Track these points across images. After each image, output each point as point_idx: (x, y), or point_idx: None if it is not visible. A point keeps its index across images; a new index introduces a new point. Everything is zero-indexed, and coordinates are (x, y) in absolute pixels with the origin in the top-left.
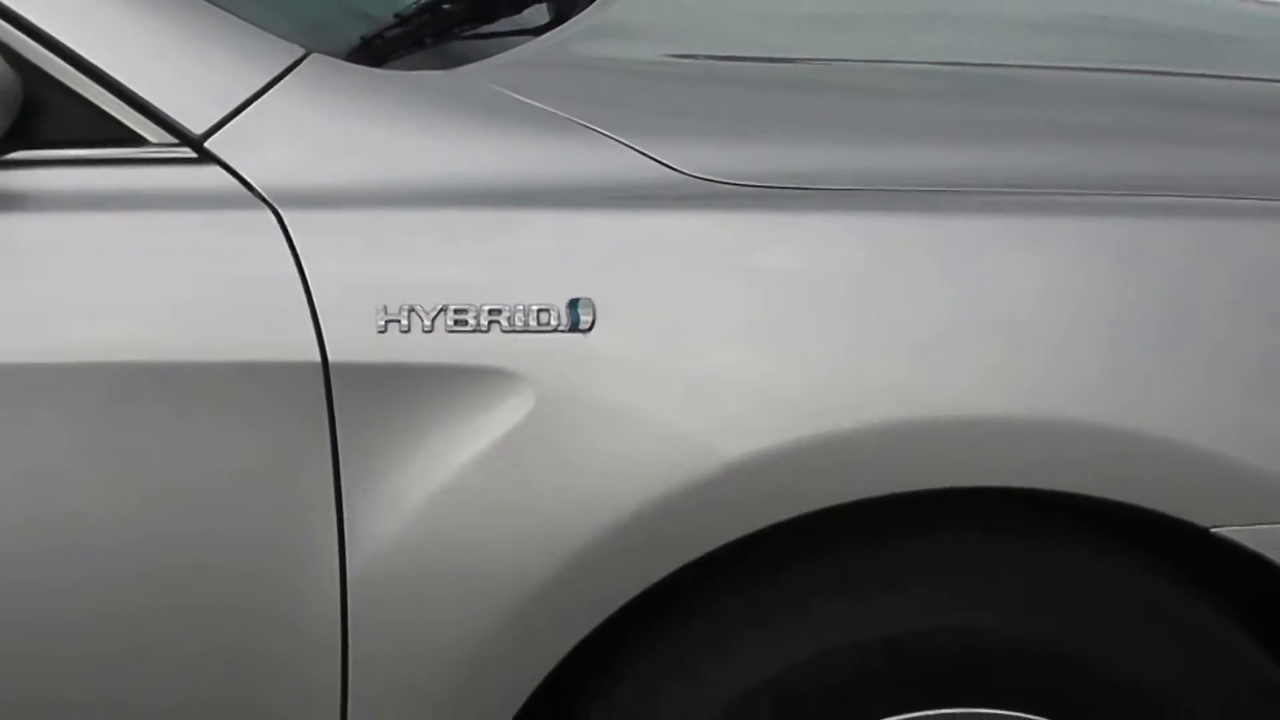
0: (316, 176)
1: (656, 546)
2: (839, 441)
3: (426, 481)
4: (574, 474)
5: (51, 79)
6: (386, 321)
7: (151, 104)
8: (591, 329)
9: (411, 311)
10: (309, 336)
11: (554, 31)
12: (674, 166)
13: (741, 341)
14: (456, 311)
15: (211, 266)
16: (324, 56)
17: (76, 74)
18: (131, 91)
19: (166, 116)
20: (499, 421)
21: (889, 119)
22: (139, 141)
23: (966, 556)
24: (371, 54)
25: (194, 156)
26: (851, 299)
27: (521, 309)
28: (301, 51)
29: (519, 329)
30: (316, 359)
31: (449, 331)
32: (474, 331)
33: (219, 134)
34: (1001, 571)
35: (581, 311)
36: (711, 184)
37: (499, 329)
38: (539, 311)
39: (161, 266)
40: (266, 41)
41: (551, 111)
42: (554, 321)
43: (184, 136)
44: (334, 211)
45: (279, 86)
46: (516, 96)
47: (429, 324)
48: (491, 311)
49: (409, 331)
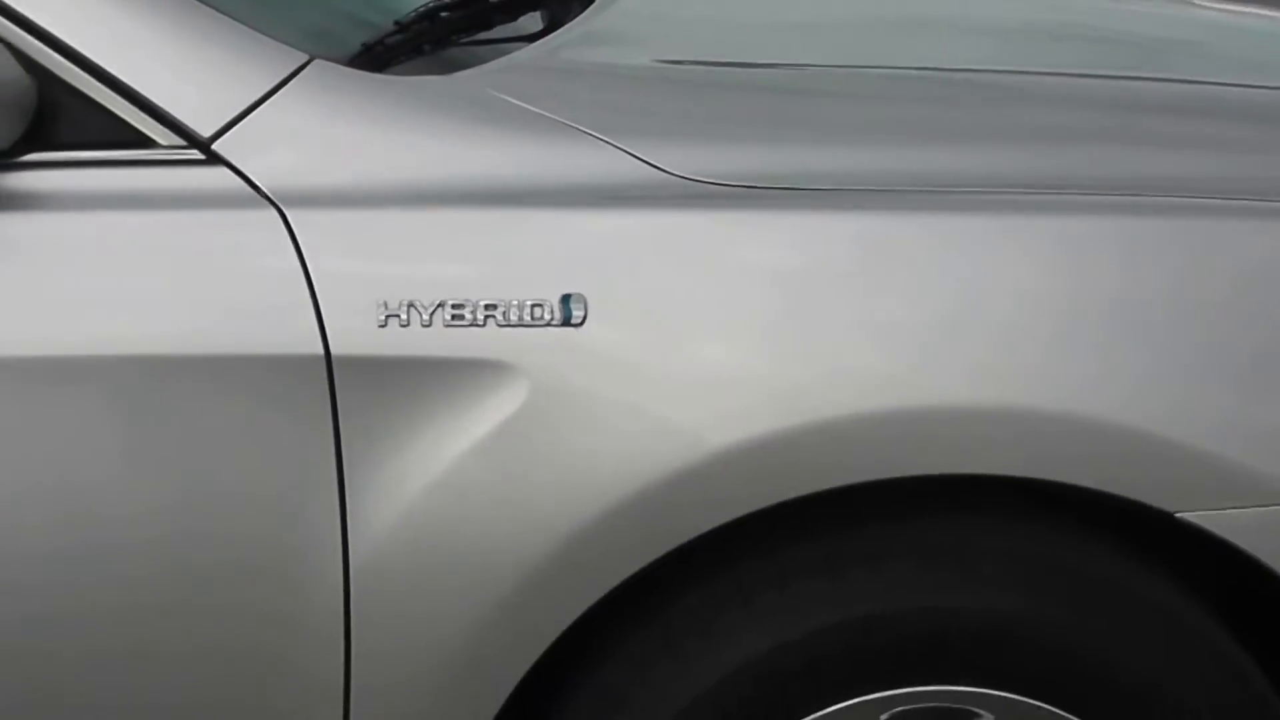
0: (320, 177)
1: (647, 532)
2: (816, 431)
3: (425, 472)
4: (567, 461)
5: (66, 85)
6: (387, 317)
7: (162, 108)
8: (583, 323)
9: (411, 307)
10: (313, 331)
11: (548, 38)
12: (662, 168)
13: (727, 335)
14: (454, 307)
15: (219, 264)
16: (327, 62)
17: (90, 80)
18: (143, 96)
19: (176, 120)
20: (495, 412)
21: (871, 122)
22: (149, 144)
23: (948, 541)
24: (372, 60)
25: (202, 158)
26: (833, 294)
27: (516, 304)
28: (305, 58)
29: (514, 324)
30: (320, 352)
31: (446, 326)
32: (470, 326)
33: (226, 137)
34: (984, 555)
35: (574, 307)
36: (698, 184)
37: (495, 324)
38: (533, 307)
39: (171, 264)
40: (272, 48)
41: (545, 115)
42: (547, 316)
43: (193, 139)
44: (336, 211)
45: (284, 91)
46: (512, 101)
47: (427, 319)
48: (487, 307)
49: (408, 326)
